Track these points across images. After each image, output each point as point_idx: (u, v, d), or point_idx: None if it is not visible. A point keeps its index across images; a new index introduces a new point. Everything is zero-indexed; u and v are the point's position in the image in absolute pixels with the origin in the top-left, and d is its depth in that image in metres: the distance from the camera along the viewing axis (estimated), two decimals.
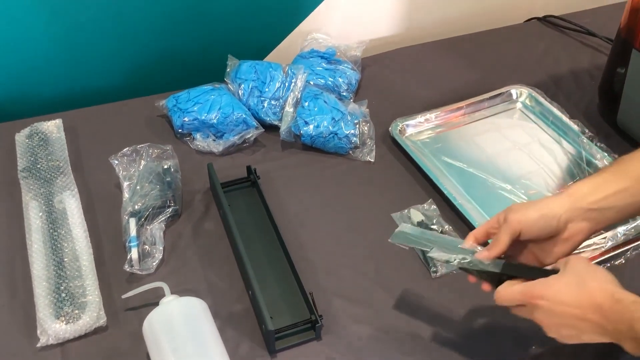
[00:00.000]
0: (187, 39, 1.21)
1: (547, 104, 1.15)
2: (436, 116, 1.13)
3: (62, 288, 0.81)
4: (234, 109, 1.05)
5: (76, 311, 0.79)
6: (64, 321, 0.77)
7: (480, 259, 0.69)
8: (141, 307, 0.82)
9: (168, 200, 0.92)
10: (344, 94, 1.16)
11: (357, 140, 1.06)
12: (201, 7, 1.18)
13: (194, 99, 1.06)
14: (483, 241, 0.73)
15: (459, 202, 0.95)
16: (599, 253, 0.89)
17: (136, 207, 0.90)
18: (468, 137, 1.11)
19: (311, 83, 1.13)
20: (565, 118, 1.11)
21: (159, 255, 0.87)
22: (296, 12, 1.28)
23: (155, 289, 0.80)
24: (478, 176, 1.03)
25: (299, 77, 1.10)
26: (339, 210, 0.97)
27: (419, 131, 1.12)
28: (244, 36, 1.26)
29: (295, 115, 1.06)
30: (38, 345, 0.76)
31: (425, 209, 0.96)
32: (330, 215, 0.96)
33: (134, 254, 0.86)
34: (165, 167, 0.96)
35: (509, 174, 1.03)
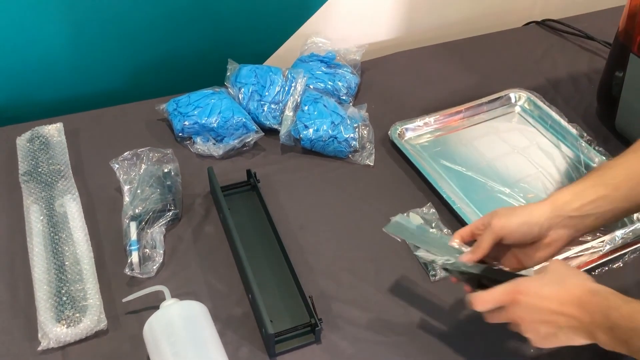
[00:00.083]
0: (188, 42, 1.22)
1: (545, 107, 1.15)
2: (435, 120, 1.14)
3: (63, 291, 0.81)
4: (234, 113, 1.05)
5: (77, 315, 0.79)
6: (65, 325, 0.78)
7: (463, 261, 0.72)
8: (142, 310, 0.82)
9: (168, 203, 0.93)
10: (344, 97, 1.16)
11: (356, 144, 1.06)
12: (201, 11, 1.19)
13: (195, 102, 1.07)
14: (468, 240, 0.75)
15: (458, 206, 0.96)
16: (597, 256, 0.90)
17: (137, 210, 0.90)
18: (467, 140, 1.11)
19: (311, 87, 1.14)
20: (563, 122, 1.12)
21: (159, 258, 0.87)
22: (296, 16, 1.28)
23: (155, 293, 0.80)
24: (477, 180, 1.03)
25: (298, 81, 1.11)
26: (339, 213, 0.98)
27: (418, 135, 1.12)
28: (244, 40, 1.26)
29: (295, 119, 1.07)
30: (39, 348, 0.77)
31: (425, 212, 0.96)
32: (330, 219, 0.96)
33: (134, 257, 0.86)
34: (166, 170, 0.97)
35: (507, 178, 1.04)
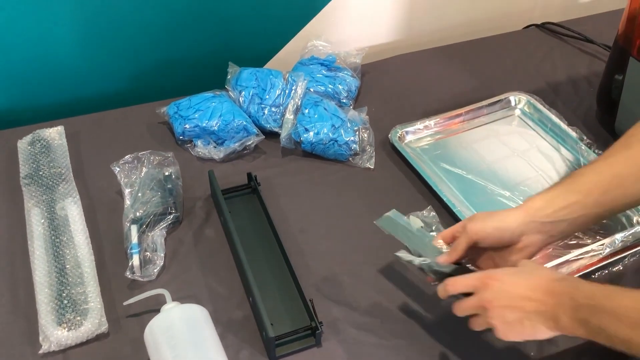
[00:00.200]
0: (188, 46, 1.22)
1: (545, 110, 1.15)
2: (435, 123, 1.14)
3: (64, 295, 0.81)
4: (234, 116, 1.06)
5: (78, 318, 0.79)
6: (66, 328, 0.78)
7: (439, 262, 0.76)
8: (142, 313, 0.82)
9: (169, 207, 0.93)
10: (344, 100, 1.17)
11: (356, 147, 1.06)
12: (202, 15, 1.19)
13: (195, 106, 1.07)
14: (449, 242, 0.79)
15: (458, 209, 0.96)
16: (597, 259, 0.90)
17: (137, 214, 0.91)
18: (467, 143, 1.12)
19: (311, 90, 1.14)
20: (563, 125, 1.12)
21: (160, 262, 0.87)
22: (296, 19, 1.29)
23: (156, 296, 0.81)
24: (477, 183, 1.03)
25: (299, 84, 1.11)
26: (339, 216, 0.98)
27: (418, 138, 1.12)
28: (244, 43, 1.27)
29: (295, 122, 1.07)
30: (40, 352, 0.77)
31: (425, 215, 0.96)
32: (331, 222, 0.97)
33: (135, 260, 0.86)
34: (167, 174, 0.97)
35: (507, 181, 1.04)
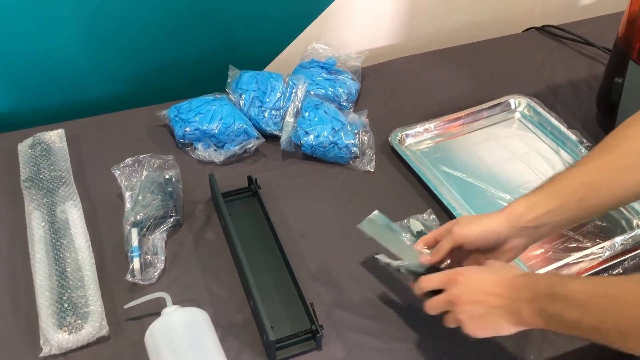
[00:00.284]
0: (189, 49, 1.22)
1: (545, 113, 1.15)
2: (435, 126, 1.14)
3: (64, 298, 0.82)
4: (235, 119, 1.06)
5: (79, 321, 0.79)
6: (67, 331, 0.78)
7: (422, 262, 0.78)
8: (143, 317, 0.82)
9: (170, 210, 0.93)
10: (344, 104, 1.17)
11: (357, 150, 1.06)
12: (202, 18, 1.19)
13: (196, 109, 1.07)
14: (432, 245, 0.80)
15: (458, 212, 0.96)
16: (596, 263, 0.90)
17: (138, 217, 0.91)
18: (467, 146, 1.12)
19: (311, 93, 1.14)
20: (563, 128, 1.12)
21: (160, 265, 0.87)
22: (296, 23, 1.29)
23: (156, 299, 0.81)
24: (477, 186, 1.04)
25: (299, 87, 1.11)
26: (339, 219, 0.98)
27: (418, 141, 1.13)
28: (244, 46, 1.27)
29: (295, 125, 1.07)
30: (41, 355, 0.77)
31: (425, 218, 0.97)
32: (331, 225, 0.97)
33: (135, 264, 0.86)
34: (167, 177, 0.97)
35: (507, 184, 1.04)
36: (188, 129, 1.06)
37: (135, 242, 0.88)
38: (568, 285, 0.63)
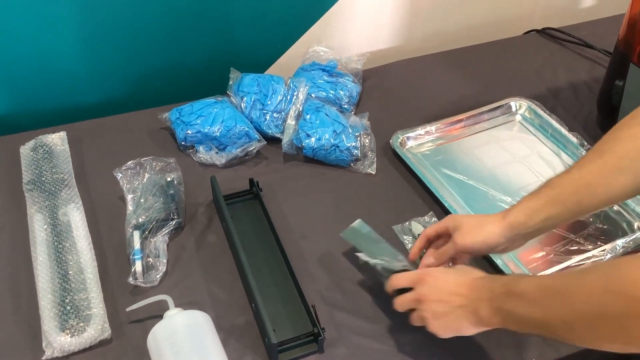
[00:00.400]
0: (190, 51, 1.23)
1: (546, 116, 1.16)
2: (436, 128, 1.14)
3: (67, 301, 0.82)
4: (236, 122, 1.06)
5: (81, 324, 0.79)
6: (69, 334, 0.78)
7: (426, 264, 0.82)
8: (145, 319, 0.82)
9: (171, 212, 0.93)
10: (345, 106, 1.17)
11: (358, 153, 1.07)
12: (203, 20, 1.19)
13: (197, 111, 1.07)
14: (434, 239, 0.85)
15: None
16: None
17: (140, 219, 0.91)
18: (468, 149, 1.12)
19: (313, 96, 1.15)
20: (564, 130, 1.12)
21: (162, 267, 0.88)
22: (298, 25, 1.29)
23: (159, 302, 0.81)
24: (478, 188, 1.04)
25: (300, 90, 1.11)
26: (341, 222, 0.97)
27: (419, 143, 1.13)
28: (245, 49, 1.27)
29: (297, 127, 1.07)
30: (43, 358, 0.77)
31: (426, 221, 0.97)
32: (332, 228, 0.97)
33: (138, 266, 0.86)
34: (169, 179, 0.97)
35: (508, 187, 1.04)
36: (190, 132, 1.06)
37: (137, 244, 0.88)
38: (521, 283, 0.66)
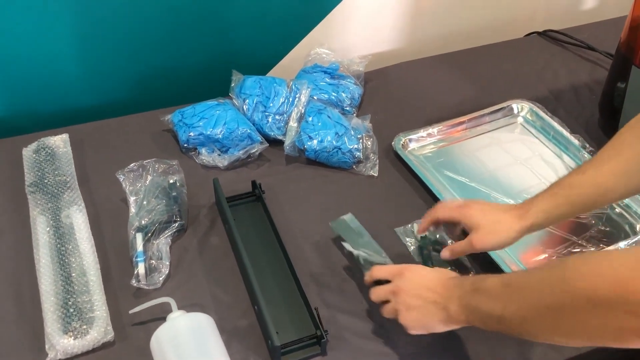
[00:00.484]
0: (192, 54, 1.23)
1: (548, 118, 1.16)
2: (438, 131, 1.14)
3: (70, 303, 0.82)
4: (238, 124, 1.06)
5: (84, 326, 0.79)
6: (72, 336, 0.78)
7: (442, 257, 0.85)
8: (148, 322, 0.82)
9: (174, 215, 0.93)
10: (347, 108, 1.17)
11: (360, 155, 1.07)
12: (205, 22, 1.19)
13: (200, 114, 1.08)
14: (442, 221, 0.87)
15: None
16: None
17: (143, 222, 0.91)
18: (470, 151, 1.12)
19: (315, 98, 1.15)
20: (566, 133, 1.12)
21: (165, 270, 0.88)
22: (299, 28, 1.29)
23: (162, 304, 0.81)
24: (480, 190, 1.04)
25: (302, 92, 1.11)
26: None
27: (421, 145, 1.13)
28: (247, 51, 1.27)
29: (299, 130, 1.07)
30: None
31: None
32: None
33: (140, 269, 0.86)
34: (171, 181, 0.97)
35: (510, 189, 1.04)
36: (192, 134, 1.06)
37: (140, 247, 0.88)
38: (487, 280, 0.68)
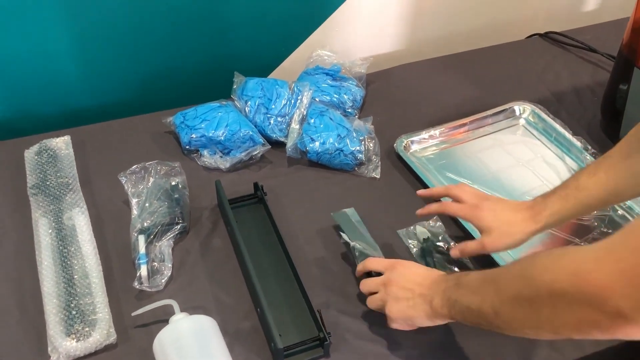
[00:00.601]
0: (194, 56, 1.23)
1: (550, 120, 1.16)
2: (440, 132, 1.14)
3: (72, 305, 0.82)
4: (240, 126, 1.06)
5: (86, 329, 0.79)
6: (75, 339, 0.78)
7: (452, 255, 0.86)
8: (151, 324, 0.82)
9: (176, 217, 0.93)
10: (349, 110, 1.17)
11: (362, 157, 1.07)
12: (207, 24, 1.19)
13: (202, 115, 1.08)
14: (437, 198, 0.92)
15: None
16: None
17: (145, 224, 0.91)
18: (472, 153, 1.12)
19: (317, 100, 1.15)
20: (568, 134, 1.12)
21: (167, 272, 0.87)
22: (301, 29, 1.29)
23: (164, 306, 0.81)
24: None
25: (304, 94, 1.11)
26: None
27: (423, 147, 1.13)
28: (249, 53, 1.27)
29: (301, 132, 1.07)
30: None
31: (431, 225, 0.97)
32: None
33: (143, 271, 0.86)
34: (173, 183, 0.97)
35: (512, 191, 1.04)
36: (194, 136, 1.06)
37: (142, 249, 0.88)
38: (469, 274, 0.70)
